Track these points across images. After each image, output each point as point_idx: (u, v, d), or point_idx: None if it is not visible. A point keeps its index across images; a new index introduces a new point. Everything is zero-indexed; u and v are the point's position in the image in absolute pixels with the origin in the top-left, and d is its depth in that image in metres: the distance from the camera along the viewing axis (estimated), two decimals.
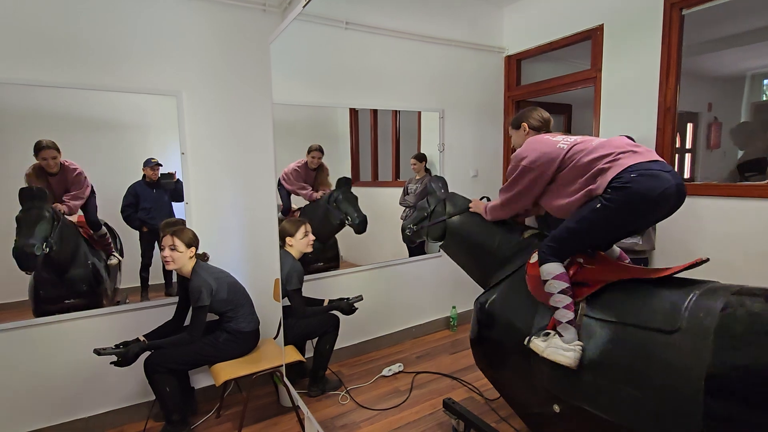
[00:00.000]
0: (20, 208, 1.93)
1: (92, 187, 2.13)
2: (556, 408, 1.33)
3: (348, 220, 2.71)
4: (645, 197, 1.22)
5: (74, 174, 2.07)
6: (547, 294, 1.35)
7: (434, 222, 2.01)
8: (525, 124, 1.67)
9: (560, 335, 1.28)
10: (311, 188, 2.73)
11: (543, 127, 1.64)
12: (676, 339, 1.06)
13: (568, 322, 1.27)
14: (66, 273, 2.10)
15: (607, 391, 1.17)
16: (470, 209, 1.90)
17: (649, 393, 1.08)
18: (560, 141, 1.45)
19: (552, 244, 1.39)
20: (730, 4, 2.10)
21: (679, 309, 1.09)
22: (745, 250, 1.99)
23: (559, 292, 1.31)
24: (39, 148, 1.97)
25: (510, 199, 1.60)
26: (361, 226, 2.74)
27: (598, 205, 1.28)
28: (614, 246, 1.54)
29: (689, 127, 3.71)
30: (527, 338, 1.39)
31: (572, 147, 1.40)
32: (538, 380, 1.39)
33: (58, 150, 2.01)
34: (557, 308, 1.31)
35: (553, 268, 1.34)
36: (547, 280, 1.34)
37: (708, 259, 1.20)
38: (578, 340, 1.25)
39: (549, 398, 1.35)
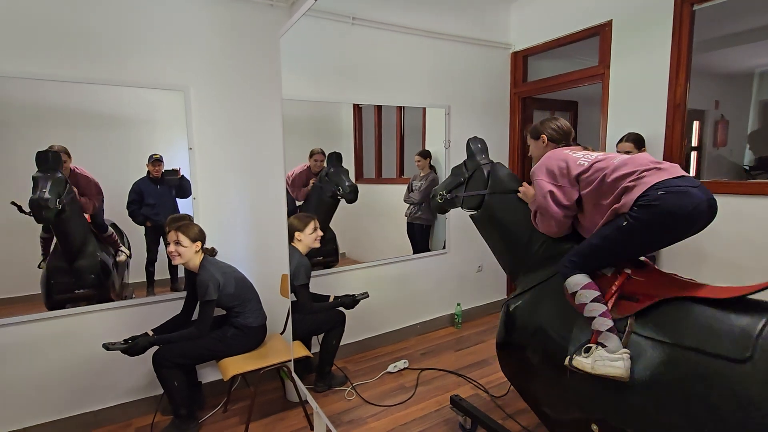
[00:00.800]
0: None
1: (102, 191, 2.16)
2: (595, 428, 1.24)
3: (339, 190, 2.71)
4: (674, 215, 1.16)
5: (85, 181, 2.10)
6: (578, 306, 1.29)
7: (471, 193, 1.82)
8: (544, 136, 1.61)
9: (603, 346, 1.20)
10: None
11: (563, 139, 1.58)
12: (745, 370, 0.96)
13: (608, 330, 1.20)
14: (75, 261, 2.12)
15: (657, 418, 1.08)
16: (518, 194, 1.69)
17: (708, 425, 0.99)
18: (581, 157, 1.41)
19: (575, 258, 1.34)
20: (740, 0, 2.08)
21: (749, 335, 0.99)
22: (754, 248, 1.98)
23: (591, 301, 1.25)
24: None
25: (546, 222, 1.51)
26: (351, 195, 2.74)
27: (624, 223, 1.22)
28: None
29: (695, 124, 3.69)
30: (568, 357, 1.28)
31: (593, 164, 1.36)
32: (574, 396, 1.30)
33: (68, 155, 2.03)
34: (593, 318, 1.23)
35: (579, 279, 1.29)
36: (577, 291, 1.29)
37: None
38: (624, 347, 1.18)
39: (585, 415, 1.27)
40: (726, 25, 2.96)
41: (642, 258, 1.39)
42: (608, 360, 1.16)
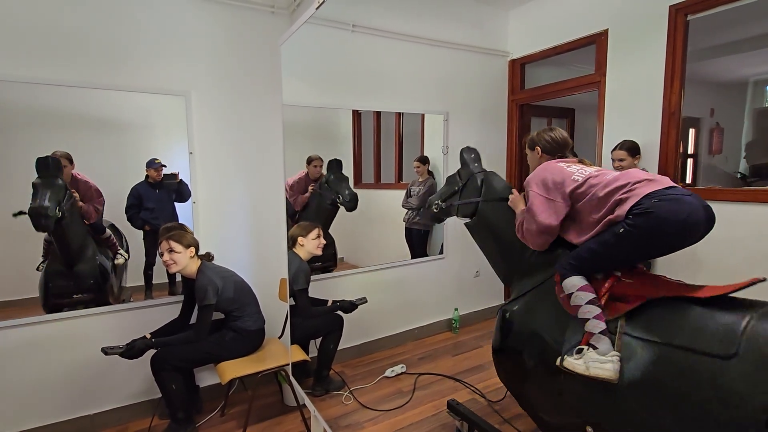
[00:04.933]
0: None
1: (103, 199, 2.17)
2: (589, 430, 1.25)
3: (339, 198, 2.71)
4: (669, 222, 1.18)
5: (86, 187, 2.11)
6: (572, 308, 1.31)
7: (465, 202, 1.85)
8: (539, 148, 1.61)
9: (594, 348, 1.22)
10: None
11: (558, 151, 1.59)
12: (732, 366, 0.98)
13: (601, 333, 1.22)
14: (74, 266, 2.13)
15: (650, 417, 1.09)
16: (509, 201, 1.71)
17: (698, 422, 1.01)
18: (575, 173, 1.42)
19: (573, 262, 1.35)
20: (734, 10, 2.12)
21: (734, 332, 1.01)
22: (749, 255, 2.00)
23: (587, 303, 1.27)
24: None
25: (532, 233, 1.51)
26: (351, 204, 2.75)
27: (621, 230, 1.24)
28: None
29: (691, 132, 3.73)
30: (559, 358, 1.30)
31: (587, 180, 1.37)
32: (568, 399, 1.31)
33: (70, 161, 2.04)
34: (587, 320, 1.26)
35: (576, 281, 1.31)
36: (572, 293, 1.30)
37: (765, 279, 1.11)
38: (615, 350, 1.20)
39: (580, 419, 1.28)
40: (720, 34, 3.00)
41: None
42: (598, 362, 1.18)
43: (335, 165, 2.78)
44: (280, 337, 2.47)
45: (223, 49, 2.37)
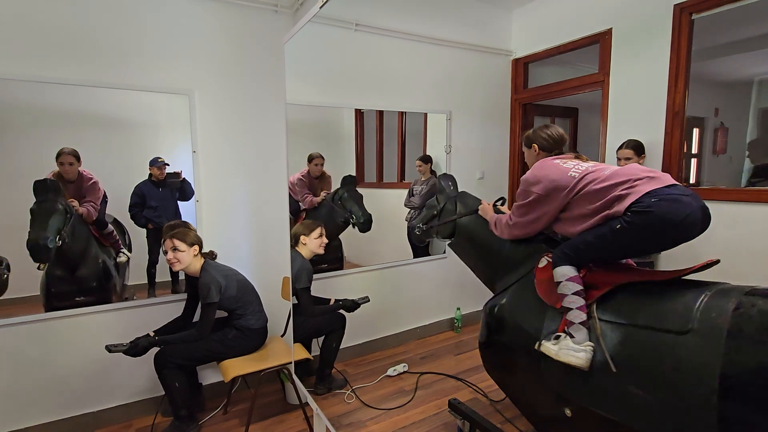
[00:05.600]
0: (34, 201, 1.96)
1: (104, 192, 2.17)
2: (568, 412, 1.32)
3: (353, 218, 2.71)
4: (667, 222, 1.21)
5: (89, 183, 2.10)
6: (559, 296, 1.36)
7: (443, 221, 2.01)
8: (535, 145, 1.63)
9: (571, 336, 1.28)
10: (311, 194, 2.74)
11: (554, 147, 1.60)
12: (688, 340, 1.06)
13: (580, 323, 1.28)
14: (77, 270, 2.13)
15: (619, 394, 1.17)
16: (479, 211, 1.88)
17: (662, 395, 1.08)
18: (571, 168, 1.43)
19: (568, 251, 1.39)
20: (739, 9, 2.11)
21: (690, 310, 1.10)
22: (752, 255, 2.00)
23: (572, 294, 1.32)
24: (59, 154, 2.01)
25: (519, 224, 1.59)
26: (365, 225, 2.74)
27: (618, 226, 1.26)
28: None
29: (695, 132, 3.71)
30: (538, 342, 1.38)
31: (584, 176, 1.38)
32: (548, 383, 1.39)
33: (77, 158, 2.05)
34: (570, 309, 1.31)
35: (567, 271, 1.36)
36: (561, 282, 1.35)
37: (719, 261, 1.20)
38: (589, 341, 1.26)
39: (559, 401, 1.35)
40: (725, 33, 2.99)
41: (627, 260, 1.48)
42: (572, 350, 1.25)
43: (349, 181, 2.77)
44: (282, 336, 2.47)
45: (226, 48, 2.37)
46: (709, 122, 3.71)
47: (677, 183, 1.28)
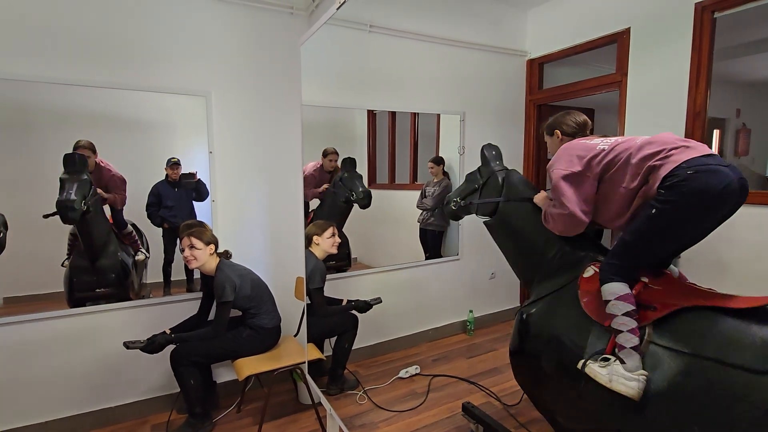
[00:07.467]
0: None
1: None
2: None
3: (353, 195, 2.72)
4: (704, 194, 1.10)
5: (109, 174, 2.16)
6: (608, 315, 1.23)
7: (486, 201, 1.80)
8: (558, 131, 1.56)
9: (622, 362, 1.16)
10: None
11: (578, 132, 1.52)
12: (766, 383, 0.94)
13: (632, 348, 1.15)
14: (97, 261, 2.19)
15: (675, 429, 1.06)
16: (533, 201, 1.65)
17: None
18: (600, 143, 1.34)
19: (612, 261, 1.27)
20: (763, 7, 2.05)
21: None
22: None
23: (623, 315, 1.18)
24: (75, 146, 2.07)
25: (556, 216, 1.43)
26: (365, 200, 2.75)
27: (653, 211, 1.15)
28: (671, 266, 1.38)
29: (716, 133, 3.62)
30: (582, 362, 1.25)
31: (614, 147, 1.28)
32: (590, 405, 1.27)
33: (93, 151, 2.10)
34: (620, 332, 1.18)
35: (616, 288, 1.21)
36: (609, 301, 1.21)
37: None
38: (642, 368, 1.14)
39: (599, 426, 1.26)
40: (748, 32, 2.91)
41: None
42: (623, 377, 1.13)
43: (349, 163, 2.80)
44: (295, 335, 2.48)
45: (243, 50, 2.40)
46: (731, 123, 3.62)
47: (714, 153, 1.17)
